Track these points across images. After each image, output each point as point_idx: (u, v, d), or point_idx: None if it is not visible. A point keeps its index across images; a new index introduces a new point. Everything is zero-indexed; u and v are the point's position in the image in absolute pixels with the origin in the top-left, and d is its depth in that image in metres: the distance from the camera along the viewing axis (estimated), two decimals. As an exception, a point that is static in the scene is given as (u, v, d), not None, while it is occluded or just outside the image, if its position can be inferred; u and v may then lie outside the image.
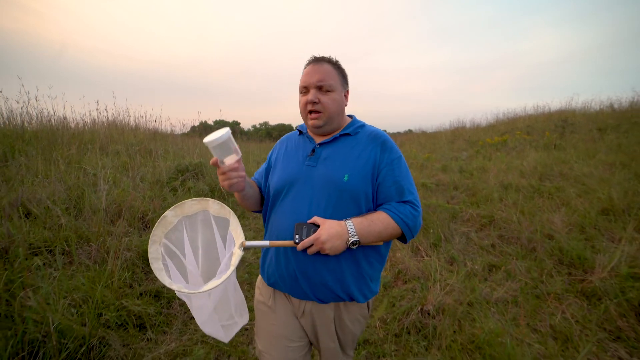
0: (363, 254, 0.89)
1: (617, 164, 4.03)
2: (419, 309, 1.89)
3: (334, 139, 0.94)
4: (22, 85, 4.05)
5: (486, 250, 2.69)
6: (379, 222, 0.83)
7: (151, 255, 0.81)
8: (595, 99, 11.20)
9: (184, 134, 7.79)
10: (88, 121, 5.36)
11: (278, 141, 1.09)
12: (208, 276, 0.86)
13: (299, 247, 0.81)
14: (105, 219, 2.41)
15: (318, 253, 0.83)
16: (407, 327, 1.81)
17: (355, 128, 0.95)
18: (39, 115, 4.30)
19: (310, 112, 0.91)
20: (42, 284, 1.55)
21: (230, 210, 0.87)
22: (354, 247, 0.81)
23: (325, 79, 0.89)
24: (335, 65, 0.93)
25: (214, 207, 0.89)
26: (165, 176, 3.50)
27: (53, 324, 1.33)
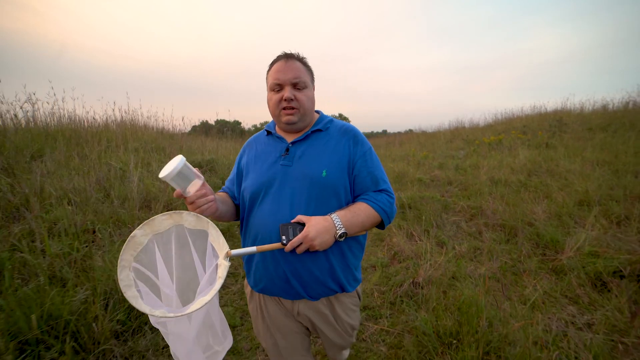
0: (347, 246, 0.92)
1: (600, 161, 4.38)
2: (411, 281, 2.24)
3: (306, 136, 0.94)
4: (52, 88, 4.40)
5: (473, 237, 3.04)
6: (361, 212, 0.87)
7: (122, 282, 0.73)
8: (590, 100, 11.52)
9: (184, 134, 8.13)
10: (102, 120, 5.71)
11: (245, 144, 1.08)
12: (186, 297, 0.81)
13: (288, 247, 0.80)
14: (136, 206, 2.76)
15: (306, 251, 0.83)
16: (400, 296, 2.16)
17: (325, 123, 0.97)
18: (67, 115, 4.66)
19: (285, 108, 0.91)
20: (105, 250, 1.90)
21: (209, 220, 0.83)
22: (342, 239, 0.84)
23: (300, 76, 0.90)
24: (304, 62, 0.94)
25: (189, 219, 0.83)
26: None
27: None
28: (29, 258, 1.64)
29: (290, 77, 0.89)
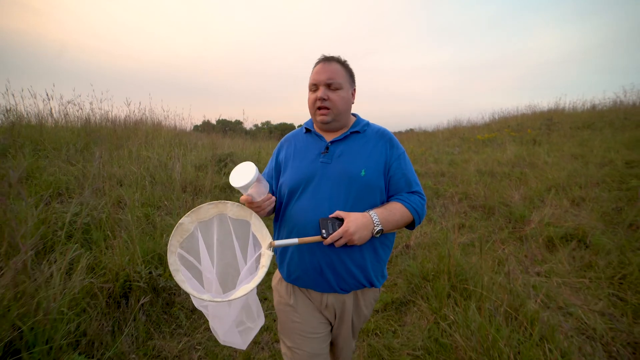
0: (379, 242, 0.96)
1: (576, 154, 5.01)
2: (404, 244, 2.87)
3: (345, 137, 1.00)
4: (93, 90, 5.04)
5: (458, 216, 3.67)
6: (397, 211, 0.92)
7: (172, 267, 0.80)
8: (581, 100, 12.10)
9: (190, 131, 8.74)
10: (129, 119, 6.35)
11: (282, 139, 1.13)
12: (225, 283, 0.87)
13: (328, 241, 0.84)
14: (178, 189, 3.40)
15: (345, 245, 0.87)
16: (395, 255, 2.79)
17: (363, 126, 1.03)
18: (103, 115, 5.32)
19: (319, 108, 0.97)
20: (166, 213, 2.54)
21: (252, 211, 0.88)
22: (378, 235, 0.89)
23: (334, 77, 0.95)
24: (344, 64, 1.00)
25: (233, 209, 0.88)
26: (211, 162, 4.50)
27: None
28: (124, 218, 2.27)
29: (325, 78, 0.95)
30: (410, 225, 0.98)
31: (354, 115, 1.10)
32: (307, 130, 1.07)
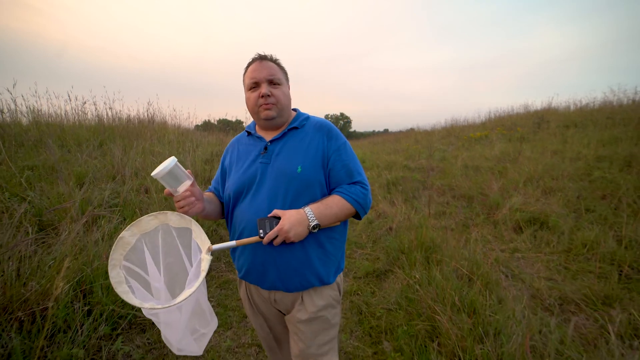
0: (325, 236, 0.97)
1: (557, 150, 5.41)
2: (388, 227, 3.29)
3: (283, 134, 1.01)
4: (106, 91, 5.47)
5: (441, 205, 4.09)
6: (334, 204, 0.92)
7: (113, 280, 0.81)
8: (575, 99, 12.43)
9: (192, 130, 9.17)
10: (136, 117, 6.79)
11: (228, 144, 1.15)
12: (173, 290, 0.89)
13: (265, 240, 0.86)
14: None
15: (284, 242, 0.89)
16: (379, 236, 3.21)
17: (301, 121, 1.03)
18: (115, 114, 5.78)
19: (263, 104, 0.97)
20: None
21: (191, 219, 0.90)
22: (315, 230, 0.90)
23: (274, 74, 0.97)
24: (277, 62, 1.01)
25: (173, 219, 0.90)
26: (217, 157, 4.95)
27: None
28: (146, 200, 2.70)
29: (265, 74, 0.96)
30: (357, 216, 0.99)
31: (294, 110, 1.11)
32: (249, 133, 1.09)
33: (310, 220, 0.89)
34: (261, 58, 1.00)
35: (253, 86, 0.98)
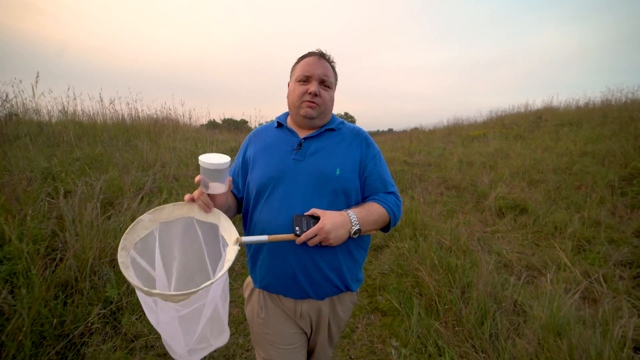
0: (354, 244, 0.94)
1: (547, 147, 5.82)
2: (386, 212, 3.76)
3: (319, 134, 0.98)
4: (130, 91, 6.02)
5: (435, 195, 4.54)
6: (374, 211, 0.90)
7: (121, 260, 0.70)
8: (576, 98, 12.69)
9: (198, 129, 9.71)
10: (154, 116, 7.35)
11: (251, 134, 1.08)
12: (187, 289, 0.72)
13: (301, 238, 0.81)
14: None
15: (315, 247, 0.86)
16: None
17: (338, 124, 1.02)
18: (136, 114, 6.35)
19: (308, 101, 0.94)
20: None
21: (220, 211, 0.84)
22: (355, 236, 0.86)
23: (329, 75, 0.96)
24: (333, 66, 1.01)
25: (201, 211, 0.82)
26: (232, 153, 5.46)
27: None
28: (175, 186, 3.21)
29: (321, 72, 0.94)
30: (385, 228, 0.96)
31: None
32: (279, 125, 1.04)
33: (353, 224, 0.85)
34: (321, 55, 0.98)
35: (303, 79, 0.95)
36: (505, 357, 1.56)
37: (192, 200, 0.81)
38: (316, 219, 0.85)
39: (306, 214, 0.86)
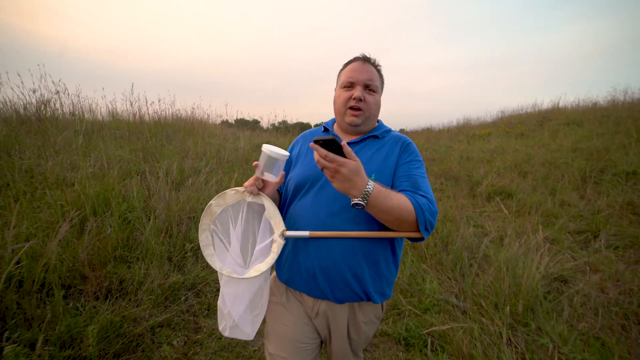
0: (383, 256, 0.94)
1: (543, 144, 6.41)
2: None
3: (362, 140, 1.01)
4: (168, 92, 6.92)
5: (436, 185, 5.23)
6: (396, 198, 0.81)
7: (202, 243, 0.90)
8: (584, 97, 12.91)
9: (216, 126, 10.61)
10: (186, 115, 8.28)
11: (300, 135, 1.15)
12: (246, 264, 0.95)
13: (322, 152, 0.74)
14: (240, 161, 5.17)
15: (339, 249, 0.88)
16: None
17: (382, 132, 1.03)
18: (176, 112, 7.31)
19: (352, 108, 0.96)
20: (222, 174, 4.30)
21: (266, 196, 0.93)
22: (358, 206, 0.79)
23: (373, 80, 0.97)
24: (378, 69, 1.02)
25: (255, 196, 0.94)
26: (258, 147, 6.30)
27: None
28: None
29: (365, 77, 0.96)
30: (416, 237, 0.85)
31: (377, 120, 1.09)
32: (325, 130, 1.09)
33: (366, 188, 0.76)
34: (364, 59, 1.01)
35: (348, 85, 0.98)
36: (468, 282, 2.28)
37: (248, 186, 0.91)
38: (342, 154, 0.76)
39: (341, 143, 0.76)
